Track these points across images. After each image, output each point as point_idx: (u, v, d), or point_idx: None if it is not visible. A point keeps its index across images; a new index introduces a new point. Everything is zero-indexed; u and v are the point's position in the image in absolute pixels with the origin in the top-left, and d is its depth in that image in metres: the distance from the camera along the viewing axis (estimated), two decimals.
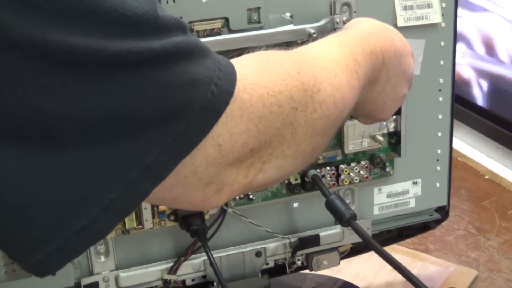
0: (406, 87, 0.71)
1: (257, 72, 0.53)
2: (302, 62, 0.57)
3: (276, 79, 0.53)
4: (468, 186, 1.26)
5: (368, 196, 0.89)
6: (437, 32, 0.85)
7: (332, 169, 0.84)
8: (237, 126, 0.49)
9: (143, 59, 0.44)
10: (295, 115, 0.53)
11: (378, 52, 0.65)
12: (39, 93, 0.41)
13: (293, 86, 0.53)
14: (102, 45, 0.42)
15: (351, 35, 0.65)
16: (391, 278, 1.00)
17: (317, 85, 0.55)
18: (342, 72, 0.59)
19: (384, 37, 0.67)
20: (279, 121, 0.52)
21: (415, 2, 0.83)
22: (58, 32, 0.41)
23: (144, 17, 0.45)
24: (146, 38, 0.44)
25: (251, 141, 0.51)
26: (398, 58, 0.68)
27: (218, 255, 0.83)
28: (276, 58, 0.56)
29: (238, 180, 0.52)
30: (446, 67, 0.86)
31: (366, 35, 0.65)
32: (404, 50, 0.69)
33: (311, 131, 0.55)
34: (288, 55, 0.58)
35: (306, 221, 0.87)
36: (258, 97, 0.51)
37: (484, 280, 1.02)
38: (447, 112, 0.88)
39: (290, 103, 0.53)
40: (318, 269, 0.89)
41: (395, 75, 0.68)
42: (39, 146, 0.43)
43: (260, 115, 0.51)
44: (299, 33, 0.76)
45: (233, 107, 0.49)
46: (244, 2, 0.76)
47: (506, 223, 1.14)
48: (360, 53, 0.62)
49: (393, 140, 0.86)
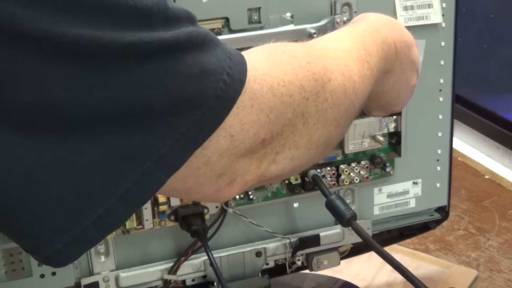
0: (415, 77, 0.72)
1: (267, 63, 0.53)
2: (313, 53, 0.57)
3: (287, 70, 0.53)
4: (468, 186, 1.26)
5: (368, 196, 0.89)
6: (437, 32, 0.85)
7: (333, 169, 0.84)
8: (248, 117, 0.49)
9: (156, 49, 0.44)
10: (306, 105, 0.53)
11: (390, 42, 0.65)
12: (54, 85, 0.42)
13: (303, 76, 0.53)
14: (114, 37, 0.43)
15: (362, 26, 0.66)
16: (391, 278, 1.00)
17: (328, 74, 0.55)
18: (353, 62, 0.59)
19: (394, 28, 0.67)
20: (290, 111, 0.52)
21: (415, 2, 0.83)
22: (71, 25, 0.41)
23: (154, 8, 0.45)
24: (157, 29, 0.45)
25: (263, 131, 0.51)
26: (409, 48, 0.68)
27: (218, 255, 0.83)
28: (286, 49, 0.56)
29: (251, 171, 0.52)
30: (447, 67, 0.86)
31: (376, 26, 0.66)
32: (411, 41, 0.70)
33: (322, 121, 0.55)
34: (299, 46, 0.58)
35: (306, 221, 0.87)
36: (268, 88, 0.51)
37: (484, 280, 1.02)
38: (448, 112, 0.88)
39: (301, 93, 0.53)
40: (318, 269, 0.89)
41: (407, 64, 0.68)
42: (55, 137, 0.43)
43: (271, 105, 0.51)
44: (299, 33, 0.76)
45: (244, 97, 0.49)
46: (245, 2, 0.76)
47: (506, 223, 1.14)
48: (371, 44, 0.62)
49: (393, 140, 0.86)
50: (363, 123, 0.83)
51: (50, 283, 0.78)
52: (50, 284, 0.78)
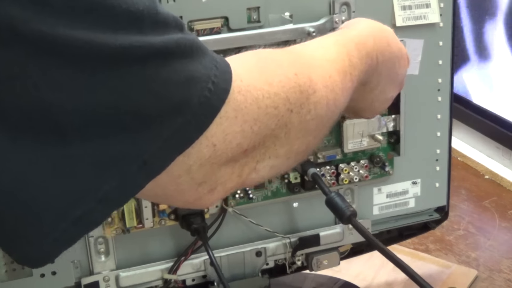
0: (396, 89, 0.73)
1: (253, 73, 0.53)
2: (299, 62, 0.57)
3: (273, 81, 0.53)
4: (468, 186, 1.26)
5: (367, 196, 0.89)
6: (435, 32, 0.85)
7: (332, 168, 0.84)
8: (232, 127, 0.50)
9: (145, 55, 0.45)
10: (290, 116, 0.54)
11: (373, 55, 0.66)
12: (47, 87, 0.42)
13: (289, 88, 0.54)
14: (106, 39, 0.43)
15: (349, 35, 0.66)
16: (392, 278, 1.00)
17: (312, 86, 0.56)
18: (337, 73, 0.59)
19: (381, 39, 0.68)
20: (274, 123, 0.53)
21: (413, 2, 0.83)
22: (66, 27, 0.42)
23: (145, 12, 0.45)
24: (147, 34, 0.45)
25: (246, 142, 0.51)
26: (392, 61, 0.69)
27: (218, 255, 0.83)
28: (273, 57, 0.56)
29: (232, 179, 0.52)
30: (445, 67, 0.87)
31: (363, 37, 0.66)
32: (399, 52, 0.70)
33: (304, 131, 0.56)
34: (285, 54, 0.58)
35: (306, 220, 0.88)
36: (253, 99, 0.51)
37: (484, 280, 1.02)
38: (446, 112, 0.88)
39: (286, 104, 0.53)
40: (318, 269, 0.89)
41: (387, 77, 0.69)
42: (42, 139, 0.43)
43: (255, 117, 0.51)
44: (298, 32, 0.76)
45: (228, 108, 0.49)
46: (244, 1, 0.76)
47: (506, 223, 1.14)
48: (356, 55, 0.63)
49: (392, 140, 0.86)
50: (362, 122, 0.83)
51: (50, 282, 0.78)
52: (50, 284, 0.78)
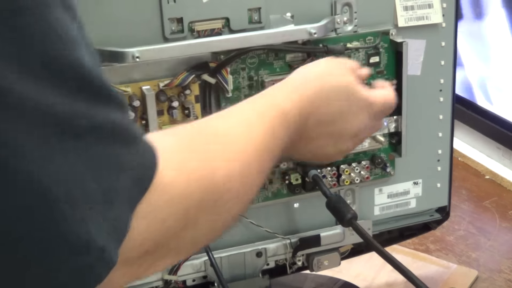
0: (348, 144, 0.71)
1: (176, 168, 0.50)
2: (220, 155, 0.54)
3: (193, 178, 0.50)
4: (468, 186, 1.26)
5: (368, 196, 0.89)
6: (438, 32, 0.85)
7: (333, 169, 0.84)
8: (140, 226, 0.46)
9: (82, 128, 0.42)
10: (199, 217, 0.51)
11: (300, 121, 0.65)
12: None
13: (205, 188, 0.51)
14: (52, 102, 0.40)
15: (273, 102, 0.63)
16: (392, 278, 1.00)
17: (227, 184, 0.53)
18: (255, 156, 0.57)
19: (314, 100, 0.66)
20: (182, 224, 0.50)
21: (416, 2, 0.83)
22: (18, 82, 0.39)
23: (94, 83, 0.43)
24: (90, 104, 0.43)
25: (148, 242, 0.48)
26: (334, 119, 0.68)
27: (218, 256, 0.83)
28: (198, 147, 0.54)
29: (126, 276, 0.49)
30: (447, 67, 0.86)
31: (290, 102, 0.64)
32: (349, 108, 0.69)
33: (211, 227, 0.54)
34: (210, 142, 0.55)
35: (306, 221, 0.87)
36: (168, 199, 0.48)
37: (485, 280, 1.02)
38: (448, 112, 0.88)
39: (198, 206, 0.51)
40: (319, 270, 0.89)
41: (325, 136, 0.68)
42: None
43: (165, 218, 0.48)
44: (299, 33, 0.76)
45: (142, 205, 0.46)
46: (245, 2, 0.76)
47: (506, 223, 1.14)
48: (279, 124, 0.61)
49: (393, 140, 0.86)
50: None
51: None
52: None
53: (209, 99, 0.77)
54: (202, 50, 0.74)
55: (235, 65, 0.77)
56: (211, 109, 0.78)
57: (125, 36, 0.72)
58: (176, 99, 0.75)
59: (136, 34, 0.73)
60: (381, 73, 0.83)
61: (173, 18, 0.74)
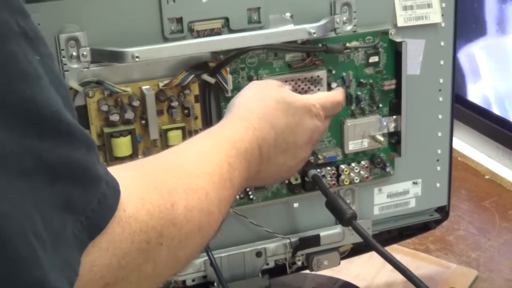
0: (304, 152, 0.73)
1: (140, 204, 0.50)
2: (179, 187, 0.55)
3: (154, 211, 0.50)
4: (468, 186, 1.26)
5: (368, 196, 0.89)
6: (437, 32, 0.85)
7: (333, 169, 0.84)
8: (100, 259, 0.47)
9: (30, 166, 0.41)
10: (160, 250, 0.51)
11: (254, 147, 0.66)
12: None
13: (166, 221, 0.51)
14: (6, 138, 0.39)
15: (225, 134, 0.65)
16: (392, 278, 1.00)
17: (187, 215, 0.54)
18: (214, 188, 0.58)
19: (262, 125, 0.68)
20: (142, 257, 0.50)
21: (415, 2, 0.83)
22: None
23: (50, 119, 0.42)
24: (43, 142, 0.41)
25: (109, 275, 0.48)
26: (284, 137, 0.70)
27: (218, 255, 0.83)
28: (156, 180, 0.53)
29: None
30: (446, 67, 0.86)
31: (241, 132, 0.66)
32: (293, 120, 0.70)
33: (173, 263, 0.54)
34: (169, 176, 0.55)
35: (306, 221, 0.87)
36: (130, 233, 0.48)
37: (485, 280, 1.02)
38: (447, 112, 0.88)
39: (158, 239, 0.51)
40: (319, 269, 0.89)
41: (282, 154, 0.70)
42: None
43: (126, 251, 0.48)
44: (299, 33, 0.76)
45: (102, 239, 0.46)
46: (244, 2, 0.76)
47: (506, 223, 1.14)
48: (234, 155, 0.63)
49: (393, 140, 0.86)
50: (363, 123, 0.83)
51: None
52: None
53: (208, 99, 0.77)
54: (202, 50, 0.75)
55: (235, 64, 0.77)
56: (211, 108, 0.78)
57: (124, 36, 0.72)
58: (176, 99, 0.75)
59: (135, 34, 0.73)
60: (381, 73, 0.83)
61: (173, 18, 0.74)
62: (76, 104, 0.72)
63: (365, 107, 0.83)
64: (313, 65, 0.80)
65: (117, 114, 0.72)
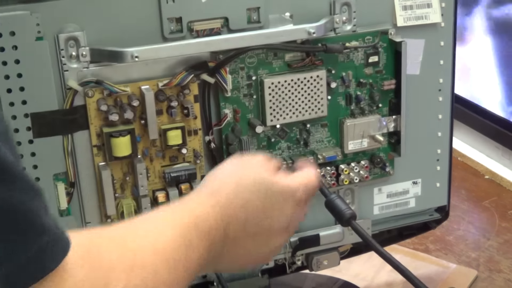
0: (279, 239, 0.67)
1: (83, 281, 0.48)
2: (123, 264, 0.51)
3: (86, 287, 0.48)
4: (468, 186, 1.26)
5: (368, 196, 0.89)
6: (436, 32, 0.85)
7: (332, 169, 0.84)
8: None
9: None
10: None
11: (219, 224, 0.61)
12: None
13: None
14: None
15: (189, 210, 0.60)
16: (391, 278, 1.00)
17: None
18: (167, 267, 0.54)
19: (232, 202, 0.63)
20: None
21: (414, 2, 0.83)
22: None
23: None
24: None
25: None
26: (256, 219, 0.64)
27: None
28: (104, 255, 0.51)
29: None
30: (446, 67, 0.86)
31: (207, 207, 0.61)
32: (271, 204, 0.65)
33: None
34: (114, 251, 0.52)
35: (306, 221, 0.86)
36: None
37: (484, 280, 1.02)
38: (447, 112, 0.88)
39: None
40: (318, 269, 0.89)
41: (251, 237, 0.64)
42: None
43: None
44: (298, 32, 0.76)
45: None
46: (244, 1, 0.76)
47: (506, 223, 1.14)
48: (195, 234, 0.58)
49: (393, 140, 0.86)
50: (362, 123, 0.83)
51: None
52: None
53: (208, 98, 0.77)
54: (201, 50, 0.75)
55: (234, 64, 0.77)
56: (210, 108, 0.78)
57: (124, 36, 0.72)
58: (175, 98, 0.75)
59: (135, 33, 0.73)
60: (380, 73, 0.83)
61: (172, 18, 0.74)
62: (76, 104, 0.72)
63: (365, 107, 0.83)
64: (312, 65, 0.80)
65: (117, 114, 0.72)
